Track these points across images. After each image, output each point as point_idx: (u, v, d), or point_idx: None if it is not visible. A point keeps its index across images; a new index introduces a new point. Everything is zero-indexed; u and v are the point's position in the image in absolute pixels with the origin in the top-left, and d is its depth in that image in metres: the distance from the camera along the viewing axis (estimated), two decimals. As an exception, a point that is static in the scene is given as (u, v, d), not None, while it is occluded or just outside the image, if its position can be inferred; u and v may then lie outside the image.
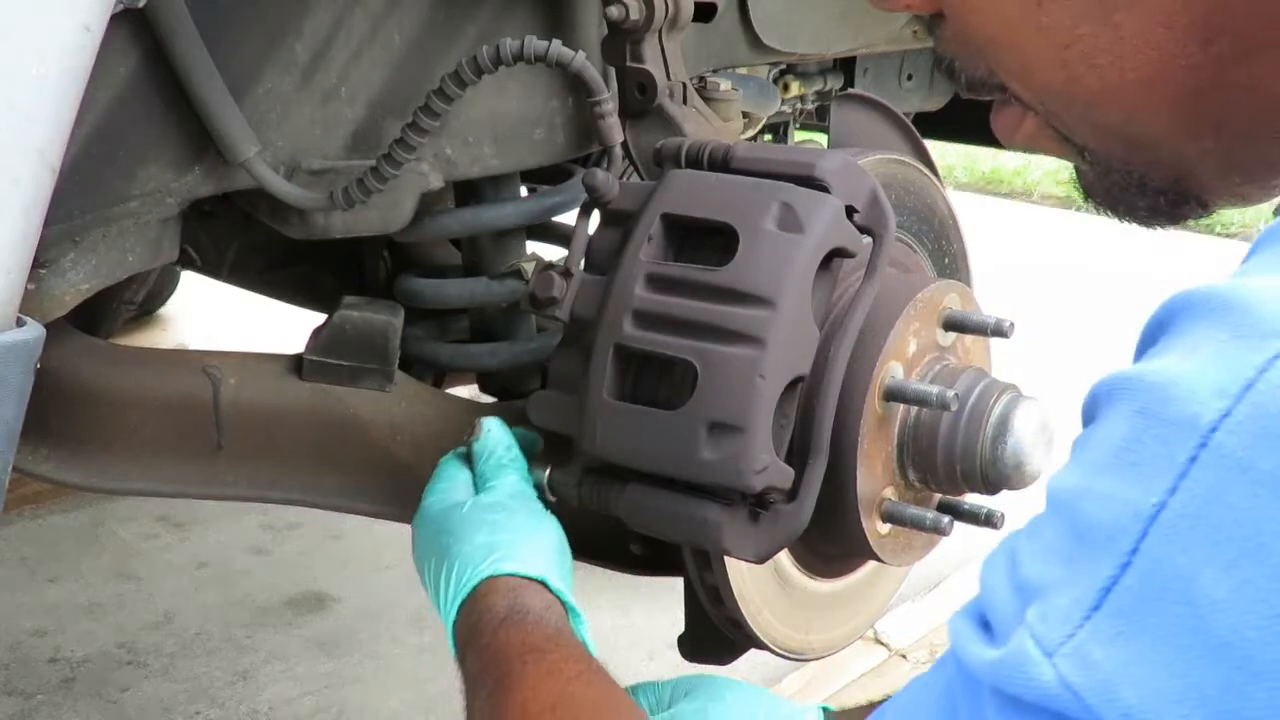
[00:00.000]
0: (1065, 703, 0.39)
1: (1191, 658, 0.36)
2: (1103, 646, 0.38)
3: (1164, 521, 0.38)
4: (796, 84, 2.02)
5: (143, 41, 1.02)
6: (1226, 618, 0.36)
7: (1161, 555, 0.38)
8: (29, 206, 0.78)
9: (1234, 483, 0.37)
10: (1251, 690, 0.35)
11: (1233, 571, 0.36)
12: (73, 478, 1.24)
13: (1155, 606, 0.38)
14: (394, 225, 1.23)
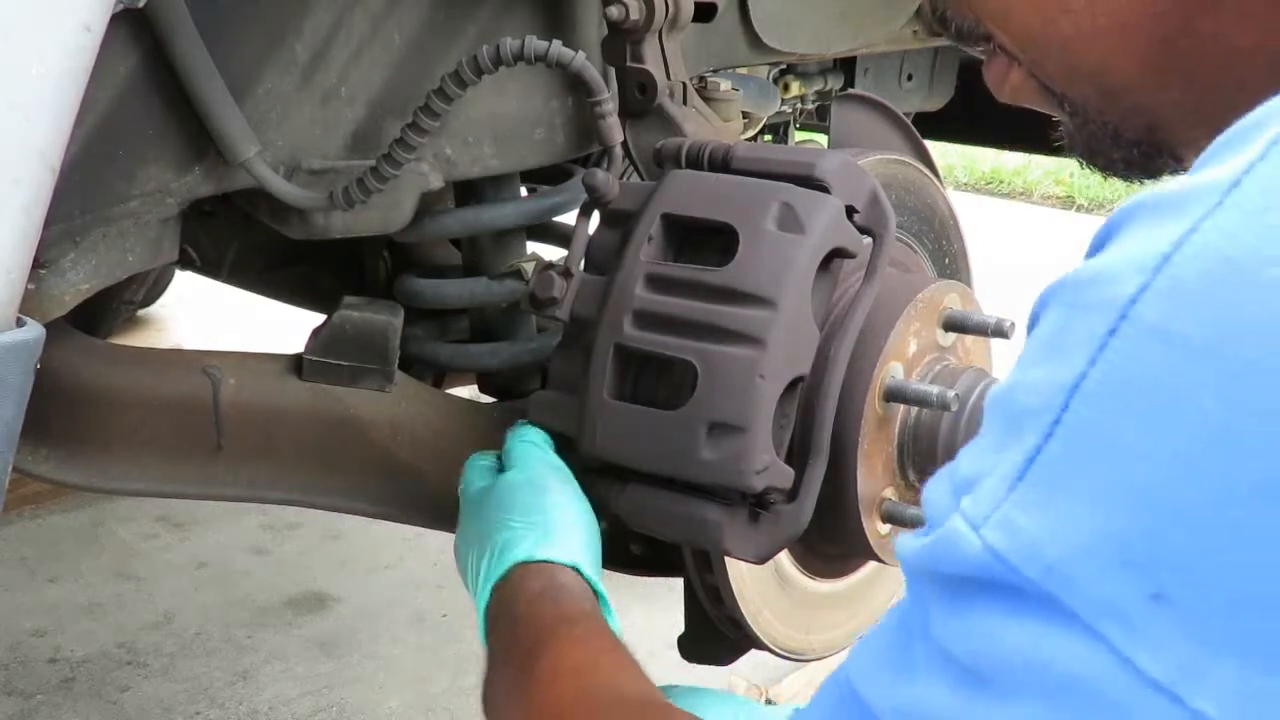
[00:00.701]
0: (992, 569, 0.40)
1: (1111, 509, 0.38)
2: (1027, 512, 0.40)
3: (1084, 390, 0.39)
4: (797, 84, 2.02)
5: (143, 41, 1.02)
6: (1144, 467, 0.37)
7: (1082, 421, 0.39)
8: (29, 206, 0.78)
9: (1150, 348, 0.38)
10: (1168, 533, 0.36)
11: (1150, 426, 0.37)
12: (73, 478, 1.24)
13: (1076, 467, 0.39)
14: (394, 225, 1.23)
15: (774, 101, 1.81)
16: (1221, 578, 0.36)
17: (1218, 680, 0.35)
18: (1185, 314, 0.38)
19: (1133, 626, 0.37)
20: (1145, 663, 0.36)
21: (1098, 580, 0.38)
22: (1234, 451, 0.36)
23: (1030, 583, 0.39)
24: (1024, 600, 0.39)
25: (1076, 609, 0.38)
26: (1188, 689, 0.35)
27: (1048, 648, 0.39)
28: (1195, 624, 0.36)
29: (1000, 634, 0.41)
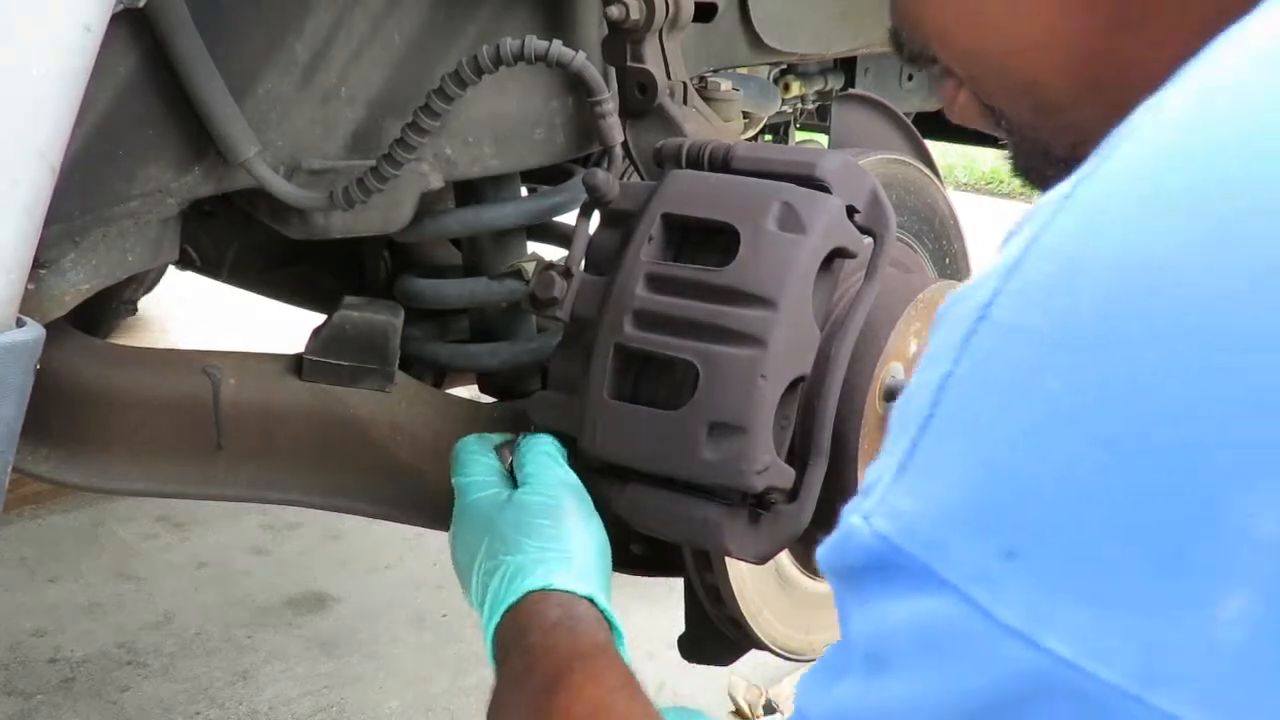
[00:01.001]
0: (881, 553, 0.45)
1: (971, 483, 0.43)
2: (906, 497, 0.45)
3: (949, 386, 0.44)
4: (797, 84, 2.02)
5: (143, 41, 1.02)
6: (998, 443, 0.42)
7: (948, 412, 0.44)
8: (30, 206, 0.78)
9: (1004, 341, 0.43)
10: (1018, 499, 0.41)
11: (1002, 407, 0.42)
12: (73, 478, 1.24)
13: (943, 451, 0.44)
14: (394, 225, 1.23)
15: (774, 101, 1.81)
16: (1060, 533, 0.40)
17: (1062, 621, 0.40)
18: (1031, 308, 0.42)
19: (993, 583, 0.41)
20: (1003, 613, 0.41)
21: (963, 546, 0.42)
22: (1072, 423, 0.41)
23: (912, 558, 0.44)
24: (909, 577, 0.44)
25: (948, 575, 0.42)
26: (1039, 632, 0.40)
27: (929, 615, 0.43)
28: (1041, 575, 0.41)
29: (893, 613, 0.45)
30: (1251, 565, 0.37)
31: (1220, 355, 0.38)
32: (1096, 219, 0.42)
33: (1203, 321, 0.39)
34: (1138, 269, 0.40)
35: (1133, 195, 0.42)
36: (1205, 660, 0.38)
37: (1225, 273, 0.39)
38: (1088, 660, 0.39)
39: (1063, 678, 0.40)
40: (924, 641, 0.43)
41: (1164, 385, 0.39)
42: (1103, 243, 0.41)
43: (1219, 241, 0.39)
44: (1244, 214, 0.39)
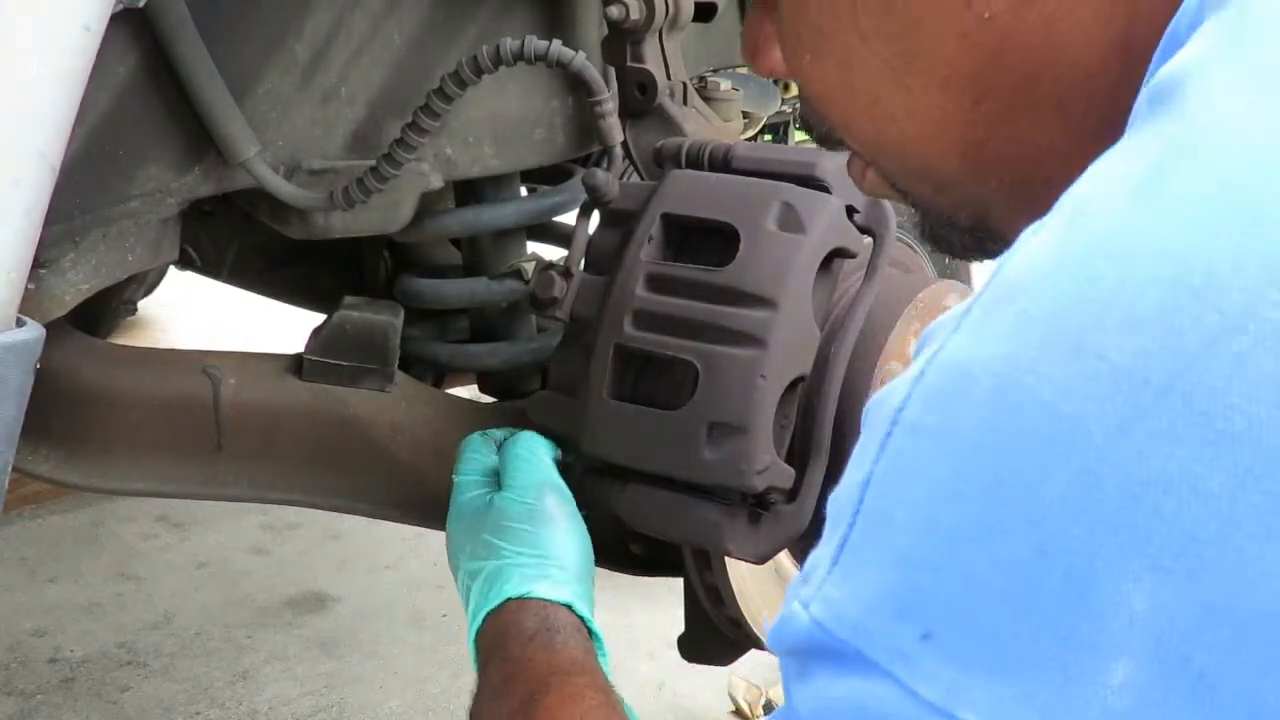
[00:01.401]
0: (817, 637, 0.50)
1: (888, 571, 0.47)
2: (838, 587, 0.49)
3: (872, 484, 0.49)
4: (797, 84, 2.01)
5: (143, 41, 1.02)
6: (907, 533, 0.47)
7: (870, 508, 0.49)
8: (30, 207, 0.78)
9: (909, 441, 0.48)
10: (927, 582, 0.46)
11: (907, 500, 0.47)
12: (73, 478, 1.24)
13: (867, 544, 0.49)
14: (394, 225, 1.23)
15: (774, 101, 1.81)
16: (965, 611, 0.45)
17: (973, 695, 0.44)
18: (930, 411, 0.47)
19: (912, 663, 0.46)
20: (924, 690, 0.45)
21: (885, 630, 0.47)
22: (959, 508, 0.45)
23: (842, 643, 0.48)
24: (842, 660, 0.48)
25: (875, 657, 0.47)
26: (955, 706, 0.44)
27: (860, 694, 0.47)
28: (953, 654, 0.45)
29: (829, 691, 0.49)
30: (1130, 637, 0.42)
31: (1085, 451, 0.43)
32: (980, 333, 0.47)
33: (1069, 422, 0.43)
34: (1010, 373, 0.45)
35: (1009, 312, 0.47)
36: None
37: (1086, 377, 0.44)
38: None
39: None
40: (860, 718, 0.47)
41: (1036, 476, 0.44)
42: (982, 352, 0.46)
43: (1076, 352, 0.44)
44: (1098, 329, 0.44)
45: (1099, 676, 0.42)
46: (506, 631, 0.99)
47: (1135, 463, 0.42)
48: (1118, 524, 0.42)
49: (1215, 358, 0.42)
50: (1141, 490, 0.42)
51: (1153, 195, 0.46)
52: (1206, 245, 0.43)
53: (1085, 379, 0.44)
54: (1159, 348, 0.43)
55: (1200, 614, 0.41)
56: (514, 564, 1.02)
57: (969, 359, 0.47)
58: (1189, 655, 0.41)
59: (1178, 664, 0.41)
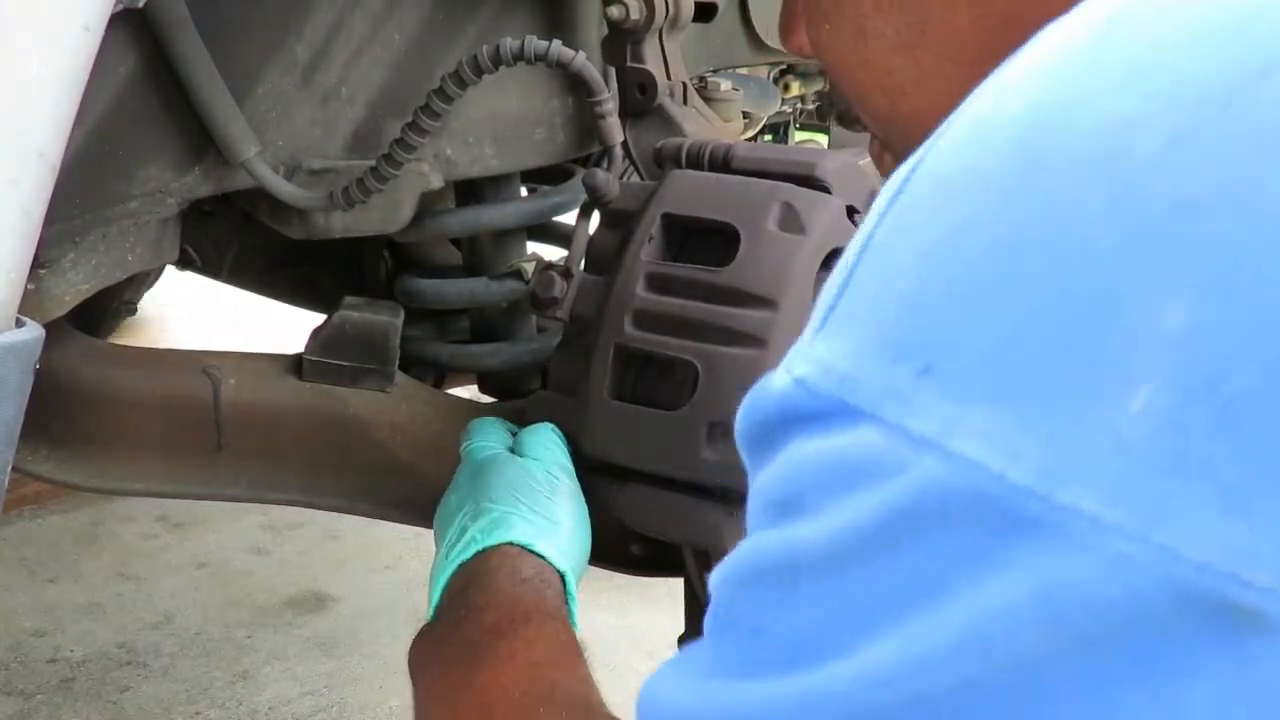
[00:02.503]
0: (795, 397, 0.45)
1: (887, 315, 0.43)
2: (826, 343, 0.45)
3: (870, 244, 0.45)
4: (797, 84, 2.02)
5: (143, 41, 1.02)
6: (909, 272, 0.43)
7: (867, 262, 0.45)
8: (29, 207, 0.78)
9: (921, 191, 0.44)
10: (930, 318, 0.42)
11: (912, 240, 0.43)
12: (73, 478, 1.24)
13: (862, 296, 0.45)
14: (394, 225, 1.23)
15: (774, 101, 1.81)
16: (971, 341, 0.41)
17: (972, 425, 0.40)
18: (948, 160, 0.44)
19: (905, 400, 0.41)
20: (914, 425, 0.41)
21: (878, 373, 0.42)
22: (975, 236, 0.41)
23: (825, 398, 0.44)
24: (821, 416, 0.44)
25: (861, 404, 0.42)
26: (948, 437, 0.40)
27: (838, 447, 0.43)
28: (954, 385, 0.41)
29: (804, 455, 0.44)
30: (1158, 358, 0.37)
31: (1130, 163, 0.39)
32: (1013, 81, 0.44)
33: (1115, 136, 0.40)
34: (1051, 102, 0.42)
35: (1036, 64, 0.43)
36: (1112, 454, 0.38)
37: (1140, 94, 0.40)
38: (994, 460, 0.39)
39: (969, 482, 0.39)
40: (834, 472, 0.43)
41: (1070, 191, 0.40)
42: (1017, 95, 0.43)
43: (1129, 70, 0.41)
44: (1157, 46, 0.41)
45: (1117, 401, 0.38)
46: (499, 568, 0.98)
47: (1185, 173, 0.38)
48: (1159, 236, 0.38)
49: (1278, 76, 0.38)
50: (1191, 200, 0.38)
51: None
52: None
53: (1137, 97, 0.40)
54: (1224, 60, 0.39)
55: (1238, 335, 0.37)
56: (525, 517, 1.01)
57: (1002, 105, 0.43)
58: (1218, 380, 0.37)
59: (1204, 389, 0.37)
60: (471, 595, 0.97)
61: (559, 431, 1.13)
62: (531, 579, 0.98)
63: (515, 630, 0.92)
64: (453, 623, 0.97)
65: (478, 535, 1.00)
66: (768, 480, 0.47)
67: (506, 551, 0.99)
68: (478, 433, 1.14)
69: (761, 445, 0.47)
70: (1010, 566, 0.39)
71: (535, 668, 0.90)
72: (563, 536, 1.02)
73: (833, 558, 0.43)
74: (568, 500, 1.05)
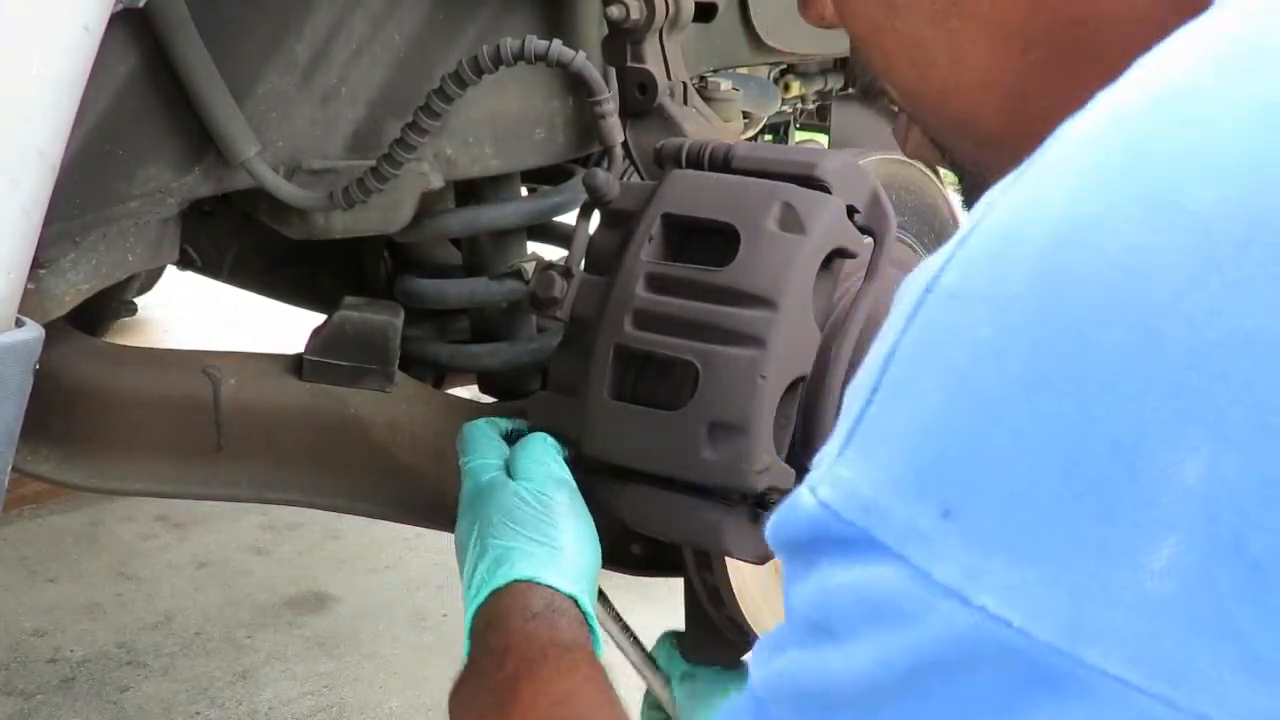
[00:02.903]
0: (823, 521, 0.45)
1: (911, 445, 0.42)
2: (850, 466, 0.45)
3: (895, 357, 0.44)
4: (797, 84, 2.01)
5: (143, 41, 1.02)
6: (933, 401, 0.42)
7: (892, 380, 0.44)
8: (29, 206, 0.78)
9: (945, 308, 0.43)
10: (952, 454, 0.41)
11: (937, 365, 0.43)
12: (73, 478, 1.24)
13: (886, 418, 0.44)
14: (394, 225, 1.23)
15: (774, 101, 1.81)
16: (992, 487, 0.40)
17: (995, 578, 0.39)
18: (971, 275, 0.43)
19: (929, 543, 0.41)
20: (938, 573, 0.41)
21: (902, 509, 0.42)
22: (997, 368, 0.41)
23: (852, 525, 0.43)
24: (850, 546, 0.43)
25: (887, 540, 0.42)
26: (972, 589, 0.40)
27: (867, 580, 0.43)
28: (975, 532, 0.40)
29: (834, 582, 0.44)
30: (1180, 512, 0.37)
31: (1149, 305, 0.38)
32: (1036, 193, 0.43)
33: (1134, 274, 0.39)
34: (1070, 228, 0.41)
35: (1074, 167, 0.43)
36: (1136, 613, 0.37)
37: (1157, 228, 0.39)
38: (1018, 617, 0.39)
39: (994, 636, 0.39)
40: (862, 607, 0.43)
41: (1091, 330, 0.39)
42: (1039, 211, 0.42)
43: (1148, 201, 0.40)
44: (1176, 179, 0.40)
45: (1140, 557, 0.37)
46: (511, 607, 0.98)
47: (1205, 319, 0.37)
48: (1178, 385, 0.37)
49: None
50: (1209, 350, 0.37)
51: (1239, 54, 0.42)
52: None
53: (1156, 230, 0.39)
54: (1243, 197, 0.38)
55: (1263, 491, 0.36)
56: (525, 549, 1.01)
57: (1024, 219, 0.43)
58: (1245, 538, 0.36)
59: (1231, 547, 0.36)
60: (491, 639, 0.97)
61: (551, 439, 1.12)
62: (542, 612, 0.98)
63: (534, 671, 0.92)
64: (479, 670, 0.97)
65: (485, 577, 1.01)
66: (803, 595, 0.47)
67: (515, 590, 0.99)
68: (472, 448, 1.13)
69: (794, 558, 0.48)
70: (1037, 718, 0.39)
71: (559, 707, 0.90)
72: (567, 561, 1.02)
73: (866, 693, 0.44)
74: (567, 520, 1.05)
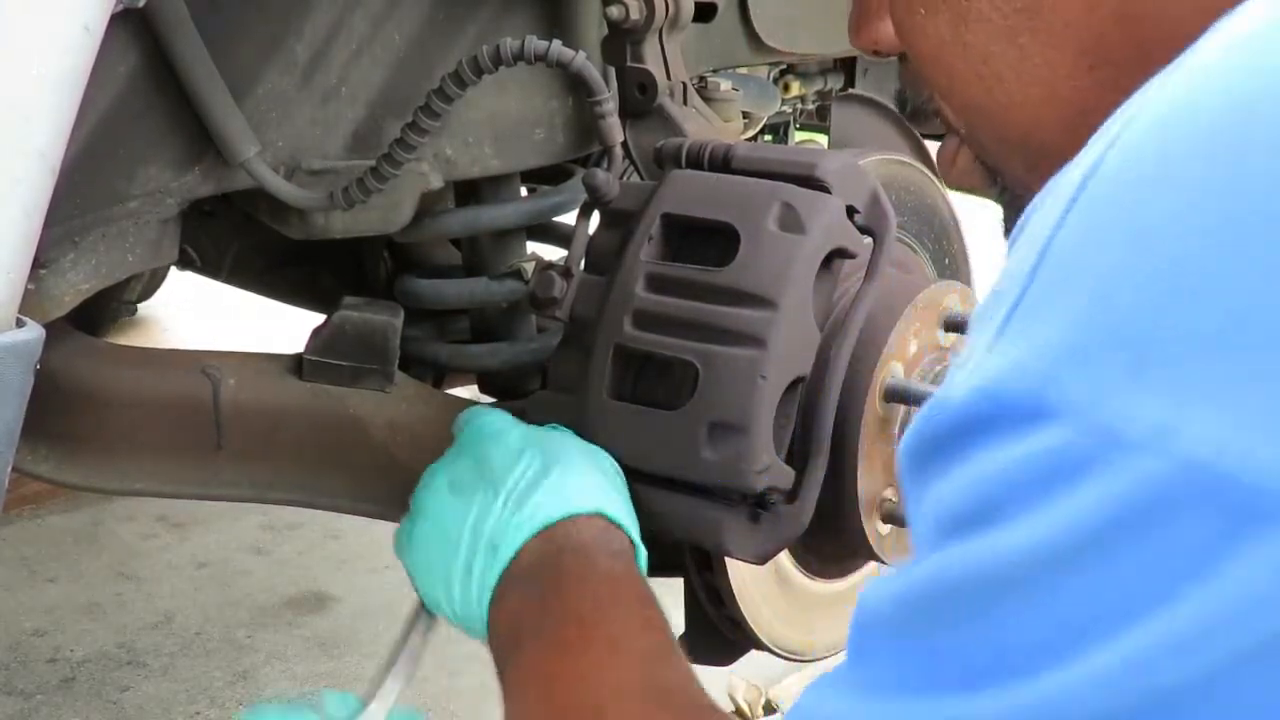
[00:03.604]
0: (974, 404, 0.42)
1: (1089, 309, 0.40)
2: (1007, 349, 0.42)
3: (1053, 247, 0.42)
4: (797, 84, 2.01)
5: (143, 41, 1.02)
6: (1110, 270, 0.40)
7: (1055, 263, 0.42)
8: (29, 207, 0.78)
9: (1116, 184, 0.41)
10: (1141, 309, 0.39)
11: (1117, 244, 0.40)
12: (73, 478, 1.24)
13: (1053, 295, 0.42)
14: (394, 225, 1.23)
15: (774, 101, 1.81)
16: (1186, 337, 0.38)
17: (1192, 426, 0.37)
18: (1146, 146, 0.41)
19: (1115, 397, 0.39)
20: (1128, 427, 0.39)
21: (1081, 371, 0.40)
22: (1182, 235, 0.39)
23: (1016, 399, 0.41)
24: (1017, 420, 0.41)
25: (1064, 403, 0.40)
26: (1170, 438, 0.38)
27: (1041, 449, 0.40)
28: (1171, 380, 0.38)
29: (996, 462, 0.42)
30: None
31: None
32: (1199, 80, 0.41)
33: None
34: (1244, 101, 0.39)
35: (1237, 58, 0.41)
36: None
37: None
38: (1222, 461, 0.37)
39: (1195, 479, 0.37)
40: (1037, 476, 0.40)
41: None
42: (1206, 94, 0.40)
43: None
44: None
45: None
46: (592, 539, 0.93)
47: None
48: None
49: None
50: None
51: None
52: None
53: None
54: None
55: None
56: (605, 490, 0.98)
57: (1193, 89, 0.41)
58: None
59: None
60: (567, 562, 0.92)
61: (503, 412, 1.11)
62: (621, 555, 0.94)
63: (615, 615, 0.88)
64: (542, 592, 0.92)
65: (569, 495, 0.95)
66: (946, 495, 0.44)
67: (596, 522, 0.96)
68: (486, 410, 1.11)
69: (933, 461, 0.45)
70: (1246, 558, 0.37)
71: (646, 664, 0.85)
72: (631, 509, 1.00)
73: (1042, 565, 0.41)
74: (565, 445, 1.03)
